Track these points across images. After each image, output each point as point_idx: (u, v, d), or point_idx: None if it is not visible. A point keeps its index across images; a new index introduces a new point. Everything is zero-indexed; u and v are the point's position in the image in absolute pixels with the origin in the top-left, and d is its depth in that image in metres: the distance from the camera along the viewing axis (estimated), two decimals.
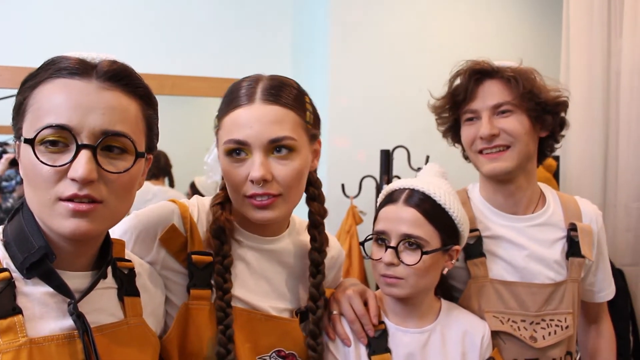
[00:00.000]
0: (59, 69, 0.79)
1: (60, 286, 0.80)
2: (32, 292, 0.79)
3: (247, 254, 1.09)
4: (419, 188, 1.13)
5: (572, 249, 1.30)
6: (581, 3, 2.16)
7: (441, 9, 2.71)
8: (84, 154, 0.75)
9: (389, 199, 1.16)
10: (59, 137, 0.76)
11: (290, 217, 1.16)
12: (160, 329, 1.02)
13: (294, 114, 1.02)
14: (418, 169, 1.39)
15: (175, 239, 1.03)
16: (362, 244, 1.19)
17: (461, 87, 1.28)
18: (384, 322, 1.15)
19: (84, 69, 0.79)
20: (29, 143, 0.76)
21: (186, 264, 1.03)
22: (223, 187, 1.10)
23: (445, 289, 1.30)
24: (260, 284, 1.10)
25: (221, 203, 1.07)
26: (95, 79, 0.78)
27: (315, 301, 1.11)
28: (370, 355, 1.11)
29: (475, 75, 1.26)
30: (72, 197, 0.75)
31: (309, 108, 1.06)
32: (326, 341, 1.14)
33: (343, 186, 2.39)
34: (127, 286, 0.92)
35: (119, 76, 0.81)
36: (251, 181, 0.98)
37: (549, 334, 1.25)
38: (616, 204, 2.10)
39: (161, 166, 2.89)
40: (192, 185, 2.93)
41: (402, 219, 1.11)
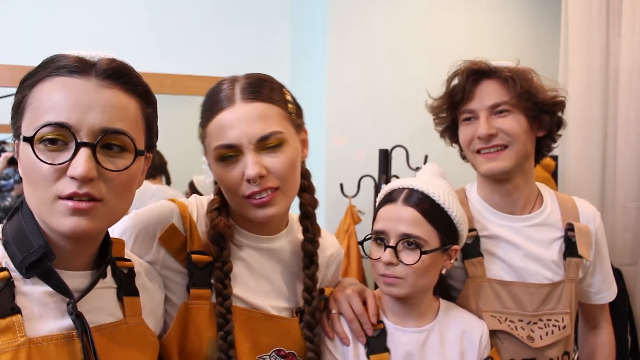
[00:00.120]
0: (58, 67, 0.78)
1: (59, 286, 0.79)
2: (31, 292, 0.79)
3: (247, 253, 1.09)
4: (418, 188, 1.13)
5: (570, 249, 1.30)
6: (580, 3, 2.16)
7: (440, 9, 2.71)
8: (83, 152, 0.75)
9: (388, 199, 1.16)
10: (58, 136, 0.75)
11: (288, 216, 1.16)
12: (160, 328, 1.02)
13: (276, 107, 1.02)
14: (417, 168, 1.39)
15: (174, 238, 1.03)
16: (361, 243, 1.18)
17: (459, 87, 1.28)
18: (382, 322, 1.15)
19: (83, 67, 0.78)
20: (28, 141, 0.75)
21: (186, 263, 1.03)
22: (218, 192, 1.09)
23: (444, 288, 1.30)
24: (260, 283, 1.09)
25: (218, 208, 1.07)
26: (95, 77, 0.78)
27: (310, 292, 1.11)
28: (368, 355, 1.11)
29: (472, 76, 1.26)
30: (72, 196, 0.75)
31: (289, 99, 1.06)
32: (325, 340, 1.14)
33: (342, 186, 2.39)
34: (127, 286, 0.92)
35: (118, 74, 0.80)
36: (247, 180, 0.98)
37: (546, 333, 1.26)
38: (614, 204, 2.10)
39: (156, 165, 2.88)
40: (190, 184, 2.93)
41: (401, 219, 1.11)
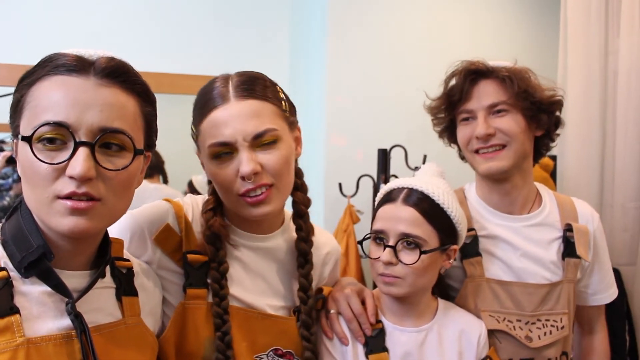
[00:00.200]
0: (56, 65, 0.78)
1: (58, 285, 0.79)
2: (30, 292, 0.79)
3: (243, 253, 1.09)
4: (417, 187, 1.13)
5: (568, 249, 1.30)
6: (579, 3, 2.16)
7: (439, 9, 2.71)
8: (82, 152, 0.74)
9: (388, 198, 1.16)
10: (57, 135, 0.75)
11: (284, 214, 1.16)
12: (158, 328, 1.01)
13: (270, 104, 1.02)
14: (415, 168, 1.39)
15: (170, 238, 1.03)
16: (360, 242, 1.18)
17: (456, 88, 1.28)
18: (381, 321, 1.15)
19: (81, 65, 0.78)
20: (26, 141, 0.75)
21: (181, 263, 1.03)
22: (212, 192, 1.09)
23: (442, 288, 1.30)
24: (256, 283, 1.09)
25: (213, 209, 1.06)
26: (93, 76, 0.78)
27: (306, 291, 1.11)
28: (367, 354, 1.11)
29: (470, 76, 1.26)
30: (71, 195, 0.75)
31: (282, 97, 1.06)
32: (324, 340, 1.14)
33: (340, 185, 2.38)
34: (126, 286, 0.92)
35: (117, 73, 0.80)
36: (242, 178, 0.98)
37: (545, 334, 1.26)
38: (613, 204, 2.10)
39: (153, 164, 2.87)
40: (189, 183, 2.92)
41: (400, 218, 1.11)
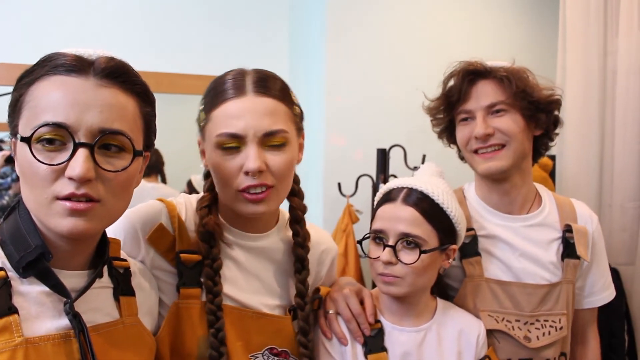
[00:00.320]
0: (55, 65, 0.77)
1: (56, 285, 0.79)
2: (28, 292, 0.78)
3: (237, 252, 1.08)
4: (417, 187, 1.13)
5: (568, 250, 1.30)
6: (578, 3, 2.16)
7: (438, 9, 2.71)
8: (81, 153, 0.74)
9: (387, 198, 1.16)
10: (56, 136, 0.75)
11: (278, 214, 1.15)
12: (156, 327, 1.01)
13: (285, 106, 1.02)
14: (414, 168, 1.39)
15: (163, 238, 1.03)
16: (360, 242, 1.18)
17: (455, 88, 1.28)
18: (380, 321, 1.15)
19: (81, 65, 0.78)
20: (25, 141, 0.75)
21: (175, 263, 1.03)
22: (208, 189, 1.08)
23: (441, 287, 1.30)
24: (250, 282, 1.09)
25: (208, 206, 1.06)
26: (93, 76, 0.78)
27: (303, 297, 1.11)
28: (366, 354, 1.11)
29: (468, 76, 1.27)
30: (70, 196, 0.74)
31: (295, 101, 1.06)
32: (323, 340, 1.14)
33: (339, 185, 2.38)
34: (123, 285, 0.92)
35: (117, 73, 0.80)
36: (245, 173, 0.97)
37: (543, 334, 1.26)
38: (612, 204, 2.10)
39: (152, 164, 2.87)
40: (189, 183, 2.92)
41: (400, 218, 1.11)
